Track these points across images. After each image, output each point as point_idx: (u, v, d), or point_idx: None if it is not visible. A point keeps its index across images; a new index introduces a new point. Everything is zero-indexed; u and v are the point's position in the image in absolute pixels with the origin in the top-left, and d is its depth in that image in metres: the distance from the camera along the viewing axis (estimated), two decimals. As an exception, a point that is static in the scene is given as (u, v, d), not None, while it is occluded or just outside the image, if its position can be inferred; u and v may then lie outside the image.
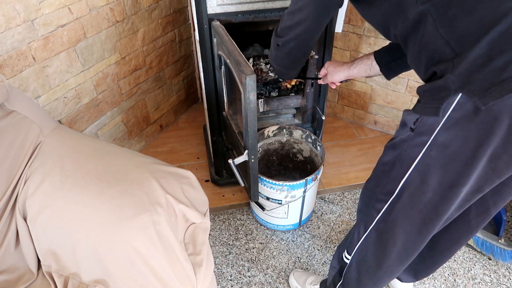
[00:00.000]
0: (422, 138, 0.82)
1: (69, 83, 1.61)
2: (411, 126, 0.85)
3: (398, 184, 0.92)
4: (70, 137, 1.17)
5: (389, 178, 0.94)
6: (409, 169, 0.87)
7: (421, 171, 0.86)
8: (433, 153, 0.82)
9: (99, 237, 0.94)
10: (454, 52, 0.74)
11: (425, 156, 0.83)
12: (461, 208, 0.92)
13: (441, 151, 0.80)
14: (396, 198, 0.94)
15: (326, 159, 2.09)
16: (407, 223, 0.96)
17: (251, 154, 1.28)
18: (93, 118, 1.80)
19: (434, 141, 0.80)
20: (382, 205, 0.99)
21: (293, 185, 1.53)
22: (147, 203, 0.96)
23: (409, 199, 0.91)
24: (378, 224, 1.03)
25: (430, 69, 0.79)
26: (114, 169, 1.04)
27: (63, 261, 1.00)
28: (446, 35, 0.75)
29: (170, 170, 1.08)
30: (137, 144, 2.18)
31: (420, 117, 0.82)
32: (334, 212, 1.87)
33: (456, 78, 0.73)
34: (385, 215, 0.99)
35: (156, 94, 2.20)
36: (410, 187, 0.90)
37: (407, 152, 0.87)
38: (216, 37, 1.41)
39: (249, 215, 1.87)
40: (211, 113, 1.68)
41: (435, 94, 0.77)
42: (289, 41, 1.08)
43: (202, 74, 1.59)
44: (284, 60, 1.17)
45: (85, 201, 0.97)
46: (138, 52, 1.95)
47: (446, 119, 0.77)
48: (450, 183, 0.83)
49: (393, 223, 0.98)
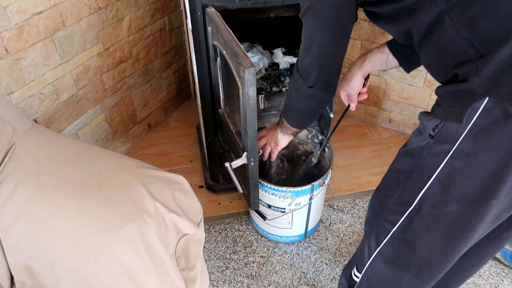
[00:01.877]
0: (444, 147, 0.82)
1: (46, 77, 1.61)
2: (430, 133, 0.85)
3: (417, 194, 0.91)
4: (47, 138, 1.17)
5: (405, 188, 0.94)
6: (429, 179, 0.87)
7: (444, 181, 0.86)
8: (457, 163, 0.82)
9: (81, 250, 0.93)
10: (479, 53, 0.74)
11: (447, 166, 0.83)
12: (493, 225, 0.92)
13: (466, 161, 0.80)
14: (415, 211, 0.94)
15: (334, 162, 2.09)
16: (428, 239, 0.95)
17: (250, 156, 1.28)
18: (73, 116, 1.80)
19: (458, 150, 0.80)
20: (398, 217, 0.98)
21: (298, 192, 1.53)
22: (133, 212, 0.96)
23: (431, 211, 0.91)
24: (393, 239, 1.02)
25: (451, 71, 0.80)
26: (96, 174, 1.04)
27: (40, 278, 1.00)
28: (469, 36, 0.75)
29: (160, 174, 1.08)
30: (122, 146, 2.18)
31: (440, 122, 0.82)
32: (344, 221, 1.87)
33: (483, 81, 0.73)
34: (402, 228, 0.99)
35: (143, 89, 2.20)
36: (431, 198, 0.90)
37: (426, 161, 0.87)
38: (211, 26, 1.41)
39: (248, 225, 1.87)
40: (206, 110, 1.68)
41: (458, 97, 0.77)
42: (318, 76, 1.06)
43: (195, 67, 1.59)
44: (315, 102, 1.14)
45: (64, 210, 0.97)
46: (124, 42, 1.95)
47: (471, 126, 0.77)
48: (477, 196, 0.83)
49: (412, 239, 0.98)
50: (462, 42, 0.76)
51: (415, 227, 0.96)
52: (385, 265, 1.07)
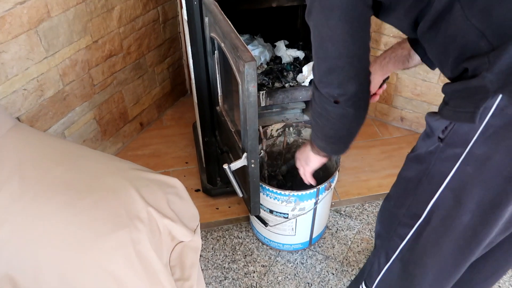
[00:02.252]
0: (455, 150, 0.82)
1: (30, 72, 1.61)
2: (439, 136, 0.84)
3: (426, 205, 0.91)
4: (31, 137, 1.17)
5: (414, 198, 0.94)
6: (439, 188, 0.87)
7: (455, 189, 0.85)
8: (469, 168, 0.81)
9: (67, 259, 0.94)
10: (491, 45, 0.73)
11: (459, 172, 0.83)
12: (507, 231, 0.92)
13: (479, 165, 0.80)
14: (424, 223, 0.93)
15: (342, 163, 2.09)
16: (439, 252, 0.95)
17: (250, 157, 1.29)
18: (59, 114, 1.80)
19: (470, 153, 0.80)
20: (407, 231, 0.98)
21: (302, 196, 1.53)
22: (125, 217, 0.96)
23: (441, 224, 0.91)
24: (402, 254, 1.02)
25: (460, 65, 0.78)
26: (84, 176, 1.04)
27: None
28: (481, 26, 0.74)
29: (153, 177, 1.08)
30: (112, 146, 2.18)
31: (450, 124, 0.81)
32: (352, 228, 1.87)
33: (495, 76, 0.71)
34: (411, 242, 0.99)
35: (135, 85, 2.20)
36: (442, 209, 0.89)
37: (436, 166, 0.87)
38: (208, 16, 1.41)
39: (248, 232, 1.87)
40: (203, 108, 1.68)
41: (468, 96, 0.76)
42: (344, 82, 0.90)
43: (191, 61, 1.59)
44: (345, 123, 0.98)
45: (50, 215, 0.97)
46: (114, 34, 1.95)
47: (484, 127, 0.76)
48: (492, 203, 0.83)
49: (422, 253, 0.98)
50: (472, 32, 0.74)
51: (424, 242, 0.96)
52: (396, 280, 1.07)
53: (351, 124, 0.98)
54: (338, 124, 0.98)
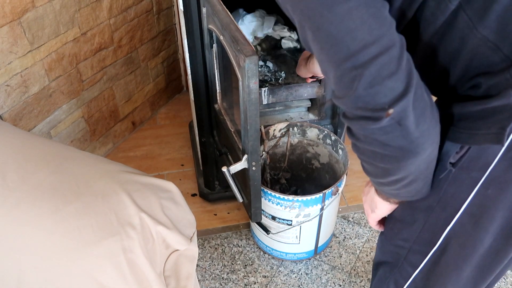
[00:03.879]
0: (471, 175, 0.80)
1: (12, 66, 1.61)
2: (450, 161, 0.82)
3: (441, 232, 0.90)
4: (14, 137, 1.18)
5: (425, 224, 0.93)
6: (456, 214, 0.85)
7: (475, 215, 0.84)
8: (491, 191, 0.80)
9: (52, 268, 0.94)
10: (509, 59, 0.70)
11: (479, 196, 0.81)
12: None
13: (502, 188, 0.79)
14: (440, 250, 0.93)
15: (350, 166, 2.09)
16: (459, 277, 0.95)
17: (251, 160, 1.29)
18: (44, 112, 1.80)
19: (491, 177, 0.78)
20: (420, 259, 0.97)
21: (307, 201, 1.53)
22: (115, 224, 0.96)
23: (460, 250, 0.90)
24: (416, 283, 1.02)
25: (466, 83, 0.76)
26: (72, 179, 1.05)
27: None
28: (494, 38, 0.71)
29: (146, 181, 1.08)
30: (102, 147, 2.19)
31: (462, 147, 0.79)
32: (361, 236, 1.87)
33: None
34: (426, 271, 0.98)
35: (127, 81, 2.20)
36: (460, 235, 0.88)
37: (449, 192, 0.85)
38: (206, 6, 1.41)
39: (249, 240, 1.87)
40: (200, 106, 1.68)
41: (487, 116, 0.73)
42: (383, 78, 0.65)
43: (187, 55, 1.59)
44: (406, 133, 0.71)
45: (34, 221, 0.97)
46: (104, 26, 1.95)
47: (506, 149, 0.74)
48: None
49: (440, 280, 0.97)
50: (483, 46, 0.71)
51: (442, 269, 0.95)
52: None
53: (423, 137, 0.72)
54: (408, 153, 0.72)
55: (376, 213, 1.04)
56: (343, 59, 0.64)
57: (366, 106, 0.66)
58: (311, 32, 0.67)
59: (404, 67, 0.65)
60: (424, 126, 0.70)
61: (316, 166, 1.84)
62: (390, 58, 0.64)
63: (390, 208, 1.01)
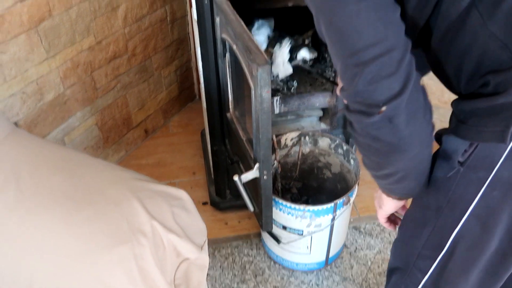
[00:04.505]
0: (478, 174, 0.80)
1: (29, 74, 1.63)
2: (459, 160, 0.82)
3: (449, 235, 0.90)
4: (29, 144, 1.19)
5: (435, 228, 0.93)
6: (463, 215, 0.85)
7: (481, 216, 0.84)
8: (497, 192, 0.80)
9: (64, 273, 0.94)
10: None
11: (485, 197, 0.81)
12: None
13: (507, 189, 0.79)
14: (448, 254, 0.93)
15: (362, 176, 2.08)
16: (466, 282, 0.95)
17: (263, 168, 1.28)
18: (59, 119, 1.82)
19: (497, 177, 0.78)
20: (429, 264, 0.97)
21: (318, 211, 1.53)
22: (126, 230, 0.96)
23: (467, 254, 0.90)
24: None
25: (477, 80, 0.76)
26: (84, 186, 1.05)
27: (17, 305, 1.01)
28: (503, 36, 0.71)
29: (158, 188, 1.09)
30: (115, 154, 2.20)
31: (471, 145, 0.80)
32: (372, 247, 1.86)
33: None
34: (435, 276, 0.98)
35: (140, 89, 2.22)
36: (467, 238, 0.88)
37: (457, 193, 0.85)
38: (220, 16, 1.42)
39: (259, 249, 1.86)
40: (212, 114, 1.69)
41: (494, 113, 0.74)
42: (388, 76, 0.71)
43: (200, 63, 1.60)
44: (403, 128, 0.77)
45: (46, 226, 0.98)
46: (118, 35, 1.97)
47: (511, 148, 0.75)
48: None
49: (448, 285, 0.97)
50: (493, 43, 0.72)
51: (450, 274, 0.95)
52: None
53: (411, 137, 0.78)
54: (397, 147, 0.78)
55: (383, 209, 1.10)
56: (348, 55, 0.71)
57: (363, 101, 0.73)
58: (324, 26, 0.73)
59: (404, 69, 0.70)
60: (414, 127, 0.76)
61: (328, 176, 1.83)
62: (390, 60, 0.69)
63: (395, 206, 1.06)
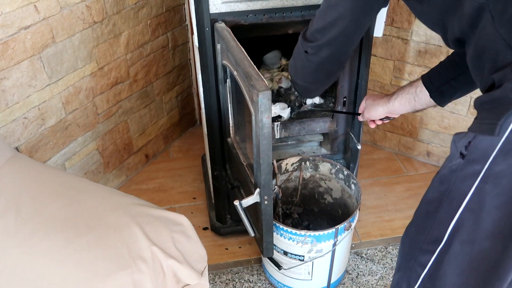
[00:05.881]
0: (474, 167, 0.82)
1: (31, 100, 1.64)
2: (461, 151, 0.85)
3: (446, 228, 0.91)
4: (29, 169, 1.19)
5: (435, 221, 0.94)
6: (459, 208, 0.87)
7: (474, 210, 0.85)
8: (488, 186, 0.81)
9: (63, 302, 0.93)
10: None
11: (478, 191, 0.83)
12: None
13: (498, 184, 0.80)
14: (445, 248, 0.93)
15: (363, 201, 2.08)
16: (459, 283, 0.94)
17: (263, 194, 1.28)
18: (60, 145, 1.82)
19: (489, 171, 0.80)
20: (428, 258, 0.97)
21: (320, 236, 1.52)
22: (126, 257, 0.96)
23: (461, 249, 0.90)
24: (424, 283, 1.01)
25: (490, 77, 0.81)
26: (84, 212, 1.05)
27: (15, 334, 1.00)
28: (507, 36, 0.77)
29: (158, 214, 1.08)
30: (115, 179, 2.20)
31: (473, 139, 0.82)
32: (374, 273, 1.84)
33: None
34: (432, 270, 0.98)
35: (141, 114, 2.23)
36: (462, 232, 0.89)
37: (456, 185, 0.87)
38: (221, 43, 1.44)
39: (260, 275, 1.84)
40: (213, 139, 1.69)
41: (493, 107, 0.78)
42: (322, 46, 1.12)
43: (201, 89, 1.61)
44: (314, 72, 1.21)
45: (46, 253, 0.97)
46: (120, 61, 1.99)
47: (503, 142, 0.76)
48: None
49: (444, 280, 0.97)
50: (500, 43, 0.77)
51: (445, 269, 0.95)
52: None
53: (327, 71, 1.23)
54: (317, 69, 1.21)
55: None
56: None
57: (309, 39, 1.16)
58: None
59: None
60: (303, 71, 1.24)
61: (329, 201, 1.83)
62: None
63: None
